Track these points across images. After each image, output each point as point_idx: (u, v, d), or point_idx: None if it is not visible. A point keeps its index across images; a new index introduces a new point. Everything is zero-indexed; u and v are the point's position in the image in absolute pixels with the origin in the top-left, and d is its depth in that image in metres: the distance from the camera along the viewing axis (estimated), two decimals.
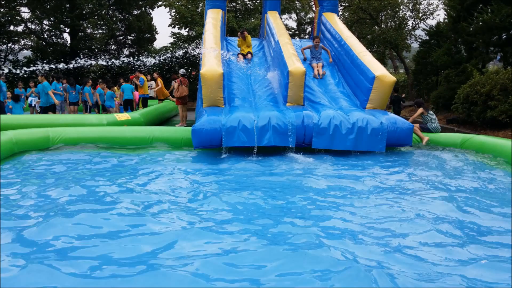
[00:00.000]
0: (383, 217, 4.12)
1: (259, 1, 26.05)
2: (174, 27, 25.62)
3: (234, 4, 26.89)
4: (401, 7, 21.93)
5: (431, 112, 9.16)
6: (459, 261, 3.13)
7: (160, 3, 26.70)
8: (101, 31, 26.78)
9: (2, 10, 22.94)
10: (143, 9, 27.62)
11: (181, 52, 11.90)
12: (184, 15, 23.77)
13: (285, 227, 3.77)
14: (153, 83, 15.71)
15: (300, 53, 10.67)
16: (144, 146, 7.73)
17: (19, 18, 24.53)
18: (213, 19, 10.79)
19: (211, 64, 8.02)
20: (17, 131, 7.18)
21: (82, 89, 14.45)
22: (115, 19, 26.92)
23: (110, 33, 26.15)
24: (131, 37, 28.24)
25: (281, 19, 12.41)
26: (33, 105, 14.61)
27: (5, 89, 11.85)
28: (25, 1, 24.10)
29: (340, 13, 22.74)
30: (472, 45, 14.25)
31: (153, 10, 28.43)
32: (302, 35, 30.90)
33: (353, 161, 6.91)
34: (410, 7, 22.03)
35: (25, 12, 25.32)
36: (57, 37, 26.35)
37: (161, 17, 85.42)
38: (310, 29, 29.50)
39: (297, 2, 28.69)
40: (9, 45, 25.58)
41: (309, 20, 30.69)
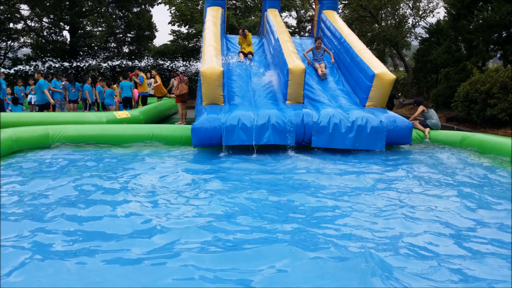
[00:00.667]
0: (383, 215, 4.13)
1: None
2: (173, 24, 25.57)
3: (234, 1, 26.83)
4: (401, 5, 21.87)
5: (432, 110, 9.20)
6: (459, 259, 3.14)
7: (159, 0, 26.63)
8: (100, 29, 26.74)
9: (1, 7, 22.86)
10: (143, 7, 27.56)
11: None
12: (184, 12, 23.73)
13: (284, 225, 3.78)
14: (152, 80, 15.71)
15: (300, 51, 10.65)
16: (143, 144, 7.73)
17: (18, 15, 24.48)
18: (213, 17, 10.78)
19: (211, 62, 8.01)
20: (16, 129, 7.17)
21: (81, 86, 14.45)
22: (114, 16, 26.87)
23: (109, 30, 26.11)
24: (130, 35, 28.20)
25: (281, 16, 12.39)
26: (32, 103, 14.61)
27: (4, 86, 11.84)
28: None
29: (340, 11, 22.73)
30: (472, 43, 14.23)
31: (152, 7, 28.37)
32: (302, 33, 30.84)
33: (353, 160, 6.91)
34: (410, 5, 21.99)
35: (25, 9, 25.28)
36: (56, 34, 26.31)
37: (161, 14, 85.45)
38: (310, 26, 29.46)
39: None
40: (9, 42, 25.54)
41: (309, 17, 30.63)
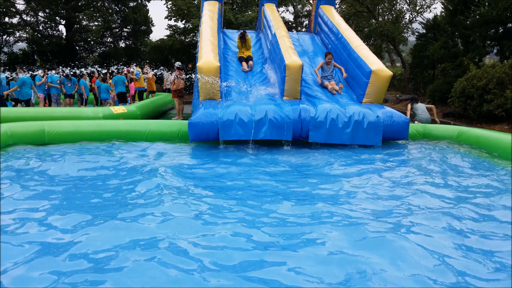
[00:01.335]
0: (381, 210, 4.15)
1: None
2: (170, 19, 25.44)
3: None
4: (398, 0, 21.88)
5: (418, 104, 9.39)
6: (459, 258, 3.14)
7: None
8: (96, 23, 26.59)
9: None
10: (139, 1, 27.43)
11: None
12: (180, 7, 23.61)
13: (283, 222, 3.79)
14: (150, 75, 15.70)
15: (297, 46, 10.62)
16: (140, 139, 7.71)
17: (14, 9, 24.29)
18: (210, 12, 10.73)
19: (208, 57, 7.98)
20: (12, 124, 7.12)
21: (78, 81, 14.40)
22: (111, 11, 26.73)
23: (106, 25, 25.98)
24: (127, 29, 28.07)
25: (278, 11, 12.35)
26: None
27: (4, 82, 11.76)
28: None
29: (337, 6, 22.66)
30: (469, 39, 14.26)
31: (149, 2, 28.28)
32: (299, 28, 30.78)
33: (349, 155, 6.93)
34: (407, 0, 21.98)
35: (20, 3, 25.14)
36: (52, 29, 26.15)
37: (157, 9, 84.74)
38: (307, 21, 29.40)
39: None
40: (4, 37, 25.37)
41: (306, 12, 30.58)
